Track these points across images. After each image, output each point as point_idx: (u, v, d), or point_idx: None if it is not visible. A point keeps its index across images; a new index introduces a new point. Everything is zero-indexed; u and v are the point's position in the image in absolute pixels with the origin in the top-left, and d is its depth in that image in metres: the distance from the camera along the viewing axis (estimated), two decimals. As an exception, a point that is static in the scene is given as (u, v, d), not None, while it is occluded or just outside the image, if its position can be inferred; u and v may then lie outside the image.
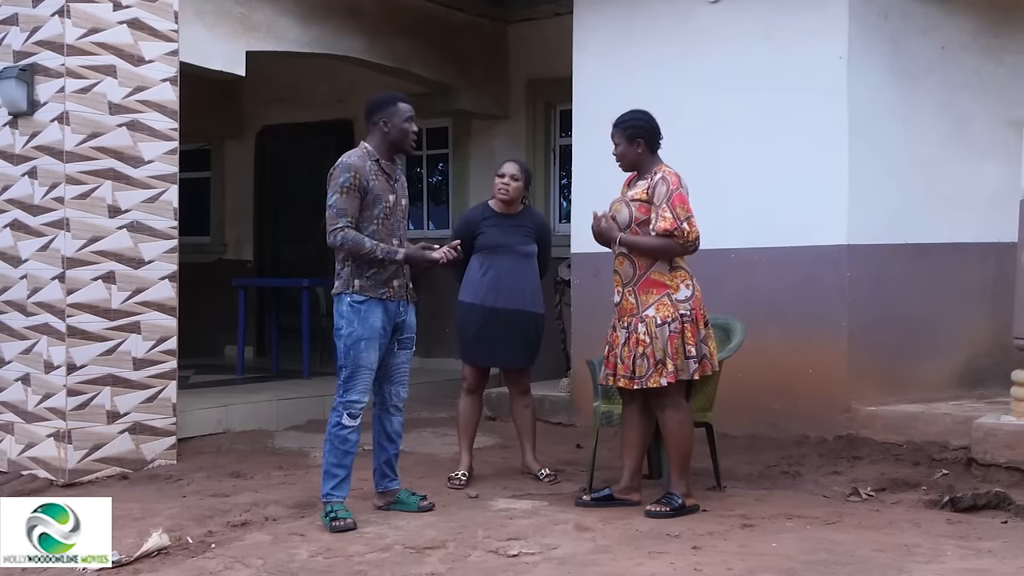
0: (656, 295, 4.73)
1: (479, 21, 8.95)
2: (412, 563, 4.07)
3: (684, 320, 4.70)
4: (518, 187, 5.60)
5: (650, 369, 4.68)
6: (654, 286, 4.74)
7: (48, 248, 5.82)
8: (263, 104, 10.30)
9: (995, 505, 4.73)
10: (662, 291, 4.73)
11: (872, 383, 6.33)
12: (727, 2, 6.63)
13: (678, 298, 4.73)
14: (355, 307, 4.67)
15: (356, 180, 4.64)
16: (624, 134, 4.90)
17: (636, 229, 4.78)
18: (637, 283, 4.77)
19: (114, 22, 5.90)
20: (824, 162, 6.34)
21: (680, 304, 4.72)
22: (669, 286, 4.74)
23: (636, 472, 4.96)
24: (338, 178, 4.65)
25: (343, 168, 4.66)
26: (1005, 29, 6.63)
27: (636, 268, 4.78)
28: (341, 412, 4.68)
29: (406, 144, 4.83)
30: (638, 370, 4.71)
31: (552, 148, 9.23)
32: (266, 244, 10.71)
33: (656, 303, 4.72)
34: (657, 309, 4.71)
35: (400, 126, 4.77)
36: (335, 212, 4.63)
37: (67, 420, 5.73)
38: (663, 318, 4.69)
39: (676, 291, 4.74)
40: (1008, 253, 5.73)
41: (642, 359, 4.70)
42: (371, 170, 4.70)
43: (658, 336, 4.68)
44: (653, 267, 4.75)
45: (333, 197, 4.64)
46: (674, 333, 4.68)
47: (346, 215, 4.63)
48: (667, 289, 4.73)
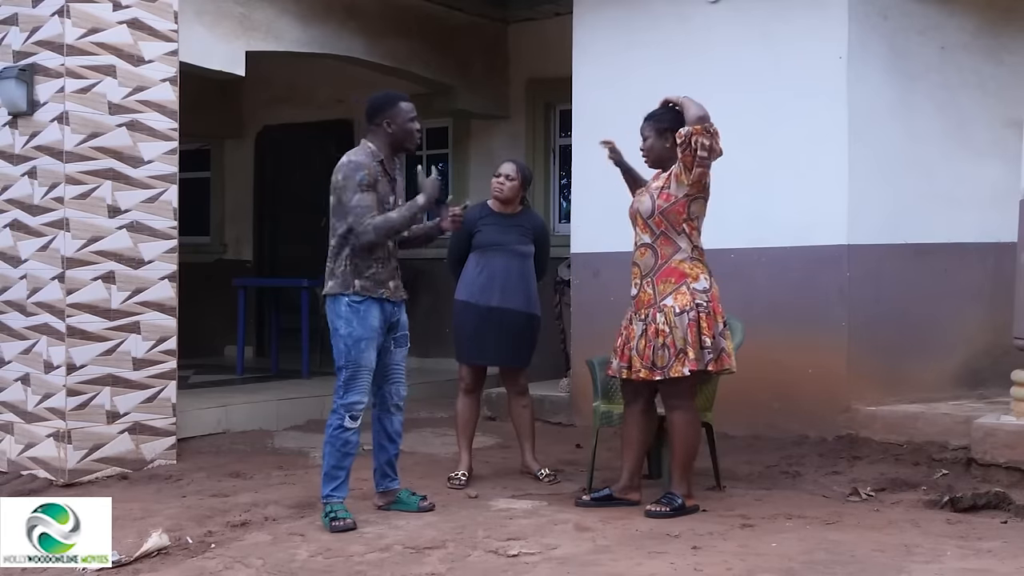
0: (674, 284, 4.70)
1: (479, 21, 8.95)
2: (412, 563, 4.07)
3: (701, 310, 4.66)
4: (513, 187, 5.60)
5: (671, 359, 4.64)
6: (673, 275, 4.72)
7: (48, 248, 5.82)
8: (263, 104, 10.30)
9: (995, 505, 4.73)
10: (680, 280, 4.70)
11: (872, 383, 6.33)
12: (727, 2, 6.63)
13: (696, 287, 4.69)
14: (354, 307, 4.66)
15: (371, 177, 4.62)
16: (655, 128, 4.88)
17: (660, 219, 4.75)
18: (657, 272, 4.74)
19: (114, 22, 5.90)
20: (824, 162, 6.34)
21: (698, 294, 4.68)
22: (688, 274, 4.71)
23: (636, 472, 4.95)
24: (353, 177, 4.59)
25: (355, 167, 4.62)
26: (1005, 29, 6.63)
27: (658, 257, 4.75)
28: (343, 415, 4.66)
29: (411, 143, 4.81)
30: (659, 360, 4.67)
31: (552, 148, 9.23)
32: (266, 244, 10.71)
33: (674, 292, 4.69)
34: (675, 298, 4.68)
35: (404, 126, 4.73)
36: (361, 211, 4.57)
37: (67, 420, 5.73)
38: (681, 307, 4.66)
39: (695, 280, 4.71)
40: (1008, 253, 5.74)
41: (663, 349, 4.66)
42: (377, 170, 4.69)
43: (677, 325, 4.64)
44: (674, 256, 4.73)
45: (355, 197, 4.57)
46: (692, 322, 4.64)
47: (371, 210, 4.59)
48: (686, 278, 4.70)
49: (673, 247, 4.75)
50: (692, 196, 4.74)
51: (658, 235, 4.77)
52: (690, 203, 4.75)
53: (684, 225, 4.75)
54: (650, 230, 4.79)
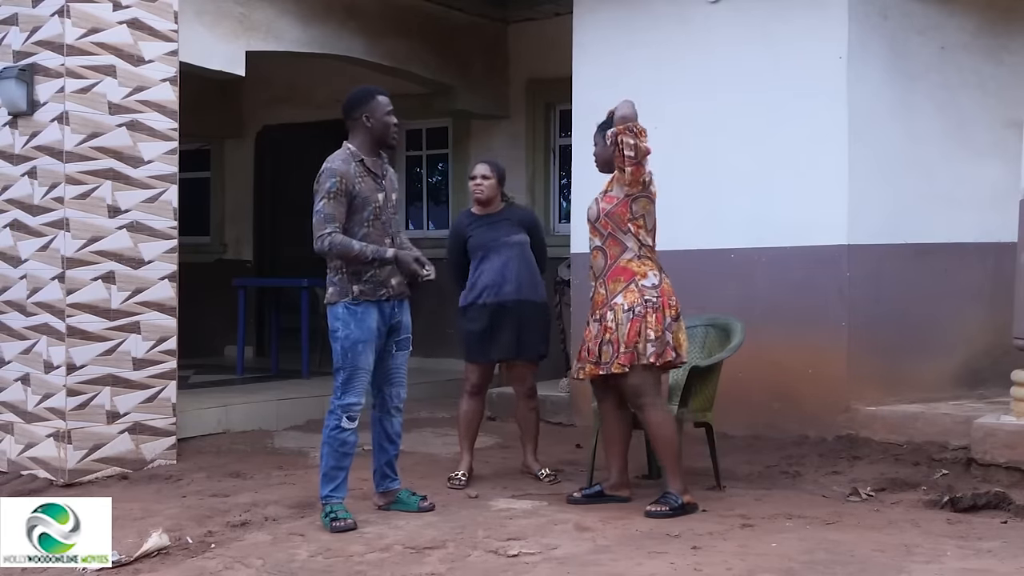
0: (623, 282, 4.81)
1: (479, 21, 8.95)
2: (412, 563, 4.07)
3: (649, 306, 4.75)
4: (491, 184, 5.66)
5: (614, 355, 4.75)
6: (622, 274, 4.83)
7: (48, 248, 5.82)
8: (263, 104, 10.30)
9: (995, 505, 4.73)
10: (629, 277, 4.81)
11: (872, 383, 6.33)
12: (727, 2, 6.63)
13: (645, 284, 4.80)
14: (351, 309, 4.67)
15: (342, 185, 4.63)
16: (601, 134, 4.99)
17: (607, 221, 4.86)
18: (607, 273, 4.86)
19: (114, 22, 5.90)
20: (824, 162, 6.34)
21: (646, 290, 4.78)
22: (637, 272, 4.82)
23: (622, 468, 5.01)
24: (324, 184, 4.64)
25: (328, 174, 4.65)
26: (1005, 29, 6.63)
27: (607, 258, 4.87)
28: (340, 415, 4.68)
29: (389, 137, 4.82)
30: (603, 356, 4.78)
31: (552, 148, 9.23)
32: (266, 244, 10.70)
33: (623, 290, 4.80)
34: (624, 296, 4.79)
35: (382, 119, 4.77)
36: (322, 218, 4.62)
37: (67, 420, 5.73)
38: (629, 304, 4.77)
39: (644, 277, 4.81)
40: (1008, 253, 5.73)
41: (608, 345, 4.77)
42: (356, 172, 4.69)
43: (623, 322, 4.75)
44: (622, 255, 4.83)
45: (320, 203, 4.63)
46: (637, 317, 4.74)
47: (333, 220, 4.61)
48: (635, 275, 4.81)
49: (620, 247, 4.85)
50: (633, 195, 4.84)
51: (606, 237, 4.89)
52: (631, 203, 4.85)
53: (630, 225, 4.85)
54: (599, 233, 4.91)
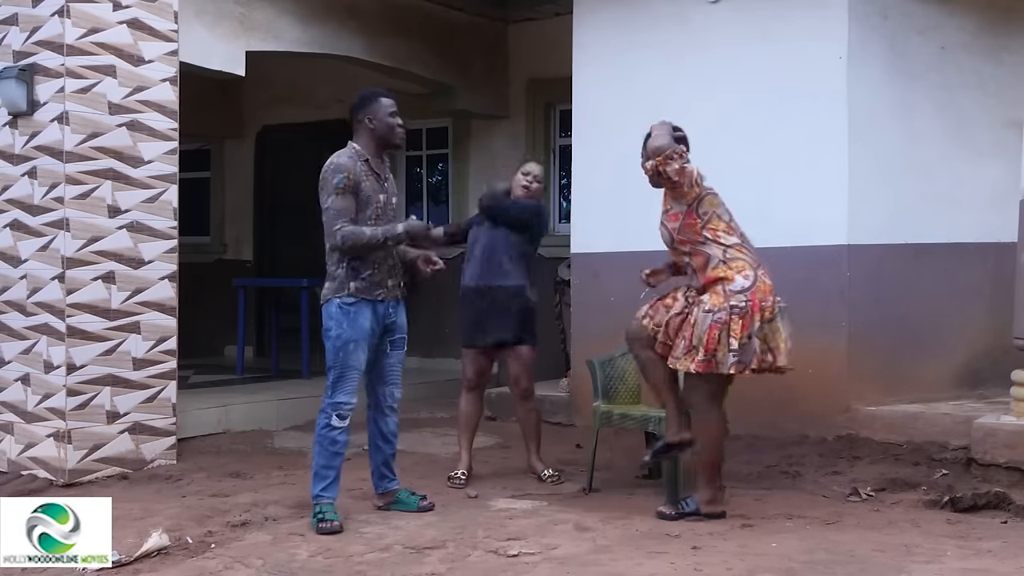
0: (712, 286, 4.69)
1: (479, 21, 8.95)
2: (412, 563, 4.07)
3: (734, 312, 4.59)
4: (540, 188, 5.77)
5: (682, 352, 4.65)
6: (712, 283, 4.70)
7: (48, 248, 5.82)
8: (263, 104, 10.30)
9: (995, 505, 4.73)
10: (718, 282, 4.69)
11: (872, 383, 6.33)
12: (727, 2, 6.63)
13: (732, 288, 4.63)
14: (344, 309, 4.67)
15: (350, 180, 4.64)
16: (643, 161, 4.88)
17: (682, 239, 4.77)
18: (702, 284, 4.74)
19: (114, 22, 5.90)
20: (824, 162, 6.34)
21: (733, 295, 4.62)
22: (724, 278, 4.67)
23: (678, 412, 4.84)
24: (332, 180, 4.64)
25: (335, 169, 4.66)
26: (1005, 29, 6.62)
27: (697, 271, 4.76)
28: (330, 414, 4.70)
29: (393, 138, 4.84)
30: (675, 348, 4.69)
31: (552, 148, 9.23)
32: (266, 244, 10.71)
33: (711, 291, 4.68)
34: (711, 297, 4.66)
35: (385, 120, 4.78)
36: (334, 214, 4.63)
37: (67, 420, 5.73)
38: (711, 306, 4.63)
39: (731, 281, 4.65)
40: (1008, 253, 5.73)
41: (680, 339, 4.67)
42: (362, 171, 4.70)
43: (701, 323, 4.62)
44: (708, 266, 4.71)
45: (329, 200, 4.64)
46: (716, 323, 4.59)
47: (344, 215, 4.62)
48: (722, 281, 4.67)
49: (704, 257, 4.73)
50: (694, 201, 4.75)
51: (688, 253, 4.78)
52: (696, 208, 4.75)
53: (705, 233, 4.73)
54: (680, 252, 4.83)
